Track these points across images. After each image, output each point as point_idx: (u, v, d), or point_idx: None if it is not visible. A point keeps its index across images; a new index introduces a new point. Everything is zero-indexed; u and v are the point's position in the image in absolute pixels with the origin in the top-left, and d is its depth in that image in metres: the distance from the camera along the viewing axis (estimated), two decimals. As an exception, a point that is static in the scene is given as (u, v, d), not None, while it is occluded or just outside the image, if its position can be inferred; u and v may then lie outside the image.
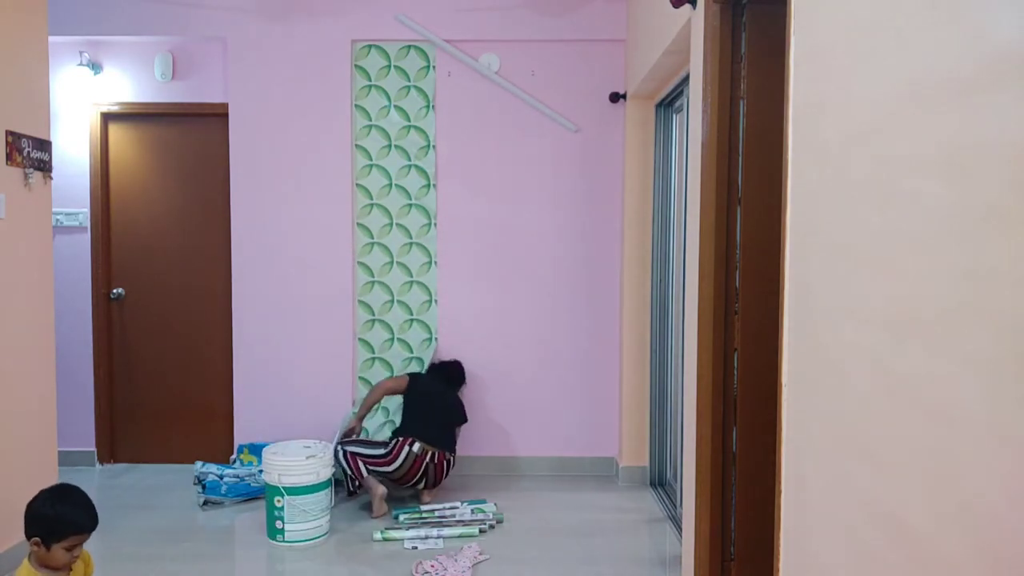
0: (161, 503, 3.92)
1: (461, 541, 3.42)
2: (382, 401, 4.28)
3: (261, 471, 4.05)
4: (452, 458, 3.95)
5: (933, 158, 1.18)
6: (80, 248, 4.49)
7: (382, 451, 3.80)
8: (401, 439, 3.82)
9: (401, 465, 3.78)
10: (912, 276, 1.24)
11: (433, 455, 3.83)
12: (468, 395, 4.43)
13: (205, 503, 3.88)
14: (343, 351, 4.34)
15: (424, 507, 3.77)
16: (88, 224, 4.48)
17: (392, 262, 4.42)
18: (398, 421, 4.28)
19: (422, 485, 3.91)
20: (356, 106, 4.37)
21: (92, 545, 3.42)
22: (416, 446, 3.79)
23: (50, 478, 3.38)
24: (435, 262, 4.41)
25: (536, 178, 4.39)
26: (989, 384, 1.04)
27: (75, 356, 4.47)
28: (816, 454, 1.62)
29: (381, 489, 3.73)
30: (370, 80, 4.36)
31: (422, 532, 3.47)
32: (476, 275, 4.41)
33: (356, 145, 4.38)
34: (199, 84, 4.45)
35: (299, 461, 3.39)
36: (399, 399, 4.21)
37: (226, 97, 4.39)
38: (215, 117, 4.44)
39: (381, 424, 4.44)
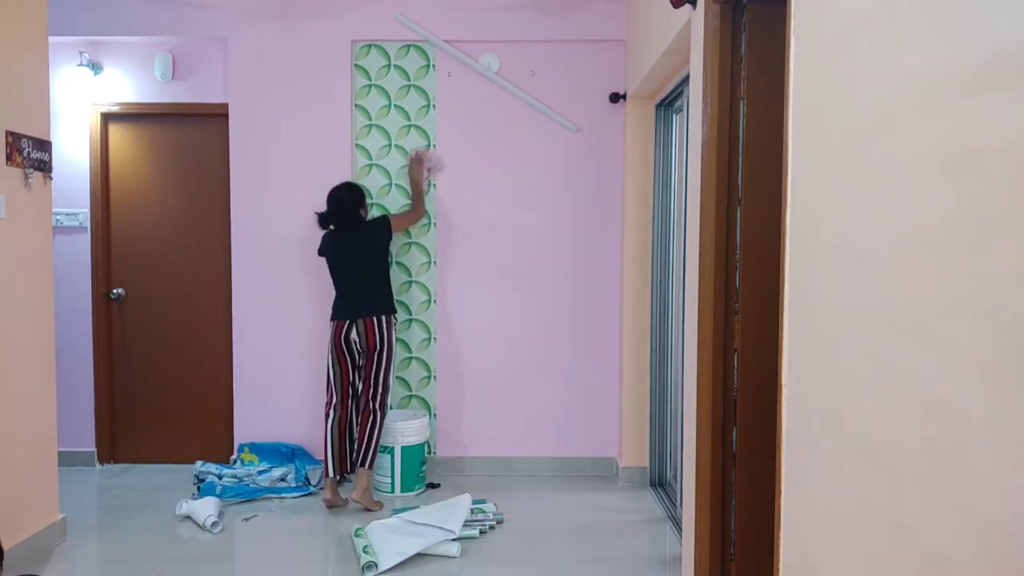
0: (161, 503, 3.91)
1: (461, 542, 3.42)
2: (400, 367, 4.41)
3: (260, 472, 4.06)
4: (385, 319, 3.89)
5: (933, 158, 1.18)
6: (80, 248, 4.49)
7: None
8: (331, 320, 3.94)
9: (334, 344, 3.88)
10: (912, 276, 1.24)
11: (351, 326, 3.86)
12: (468, 395, 4.43)
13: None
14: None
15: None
16: (88, 224, 4.48)
17: (392, 262, 4.41)
18: (420, 396, 4.48)
19: (364, 360, 3.92)
20: (356, 106, 4.37)
21: (92, 545, 3.43)
22: (334, 325, 3.89)
23: (50, 478, 3.38)
24: (435, 262, 4.41)
25: (536, 178, 4.39)
26: (989, 384, 1.04)
27: (75, 356, 4.47)
28: (816, 454, 1.62)
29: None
30: (370, 80, 4.37)
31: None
32: (475, 275, 4.41)
33: (356, 144, 4.38)
34: (199, 84, 4.45)
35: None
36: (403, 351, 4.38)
37: (226, 97, 4.39)
38: (215, 117, 4.44)
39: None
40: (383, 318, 3.89)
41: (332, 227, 3.97)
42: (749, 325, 2.48)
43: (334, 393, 3.93)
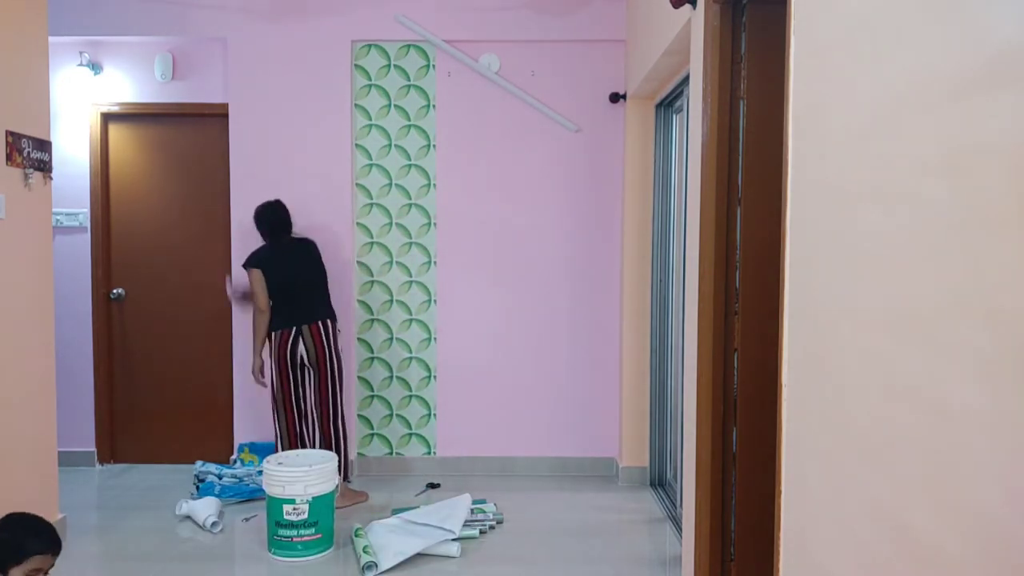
0: (161, 503, 3.91)
1: (461, 542, 3.42)
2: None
3: (260, 471, 4.05)
4: (330, 324, 3.85)
5: (933, 158, 1.18)
6: (80, 248, 4.49)
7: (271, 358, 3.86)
8: (268, 330, 3.84)
9: (279, 357, 3.82)
10: (912, 276, 1.24)
11: (297, 335, 3.79)
12: (468, 396, 4.43)
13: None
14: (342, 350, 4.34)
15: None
16: (88, 224, 4.48)
17: (392, 262, 4.42)
18: (420, 396, 4.44)
19: (314, 371, 3.85)
20: (356, 106, 4.37)
21: (92, 545, 3.43)
22: (275, 336, 3.82)
23: (50, 478, 3.38)
24: (435, 262, 4.41)
25: (536, 178, 4.39)
26: (989, 384, 1.04)
27: (75, 356, 4.47)
28: (816, 454, 1.62)
29: None
30: (370, 79, 4.37)
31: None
32: (476, 275, 4.41)
33: (356, 145, 4.38)
34: (199, 84, 4.45)
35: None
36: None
37: (226, 97, 4.39)
38: (215, 117, 4.43)
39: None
40: (328, 323, 3.85)
41: (272, 237, 3.91)
42: (749, 325, 2.48)
43: (282, 412, 3.90)
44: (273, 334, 3.84)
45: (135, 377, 4.57)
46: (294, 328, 3.82)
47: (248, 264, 3.86)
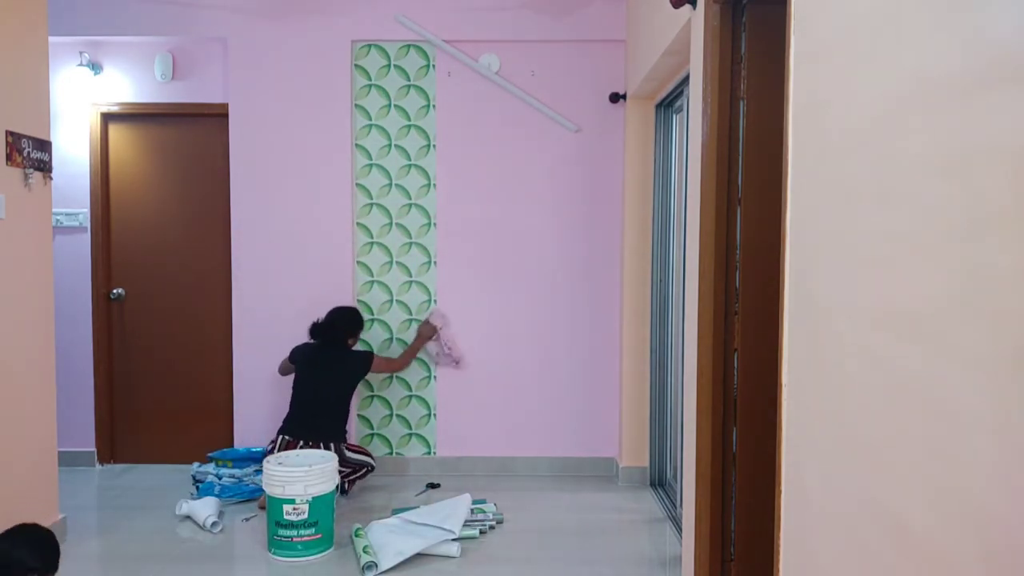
0: (160, 504, 3.91)
1: (461, 542, 3.41)
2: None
3: (257, 471, 4.05)
4: (333, 447, 3.83)
5: (933, 158, 1.18)
6: (80, 248, 4.49)
7: (269, 446, 3.92)
8: (277, 433, 3.92)
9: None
10: (912, 276, 1.24)
11: (305, 446, 3.78)
12: (468, 396, 4.43)
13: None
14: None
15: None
16: (88, 224, 4.48)
17: (392, 262, 4.42)
18: (420, 396, 4.46)
19: None
20: (356, 106, 4.37)
21: (92, 545, 3.43)
22: (280, 440, 3.85)
23: (50, 478, 3.38)
24: (435, 262, 4.41)
25: (536, 178, 4.39)
26: (989, 383, 1.04)
27: (75, 356, 4.47)
28: (816, 454, 1.62)
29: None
30: (370, 79, 4.37)
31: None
32: (476, 275, 4.41)
33: (356, 145, 4.38)
34: (199, 84, 4.45)
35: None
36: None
37: (226, 97, 4.39)
38: (215, 117, 4.43)
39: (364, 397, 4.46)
40: (331, 447, 3.83)
41: (315, 340, 4.03)
42: (749, 325, 2.48)
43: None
44: (280, 436, 3.87)
45: (135, 377, 4.57)
46: (300, 443, 3.80)
47: (291, 358, 4.08)
